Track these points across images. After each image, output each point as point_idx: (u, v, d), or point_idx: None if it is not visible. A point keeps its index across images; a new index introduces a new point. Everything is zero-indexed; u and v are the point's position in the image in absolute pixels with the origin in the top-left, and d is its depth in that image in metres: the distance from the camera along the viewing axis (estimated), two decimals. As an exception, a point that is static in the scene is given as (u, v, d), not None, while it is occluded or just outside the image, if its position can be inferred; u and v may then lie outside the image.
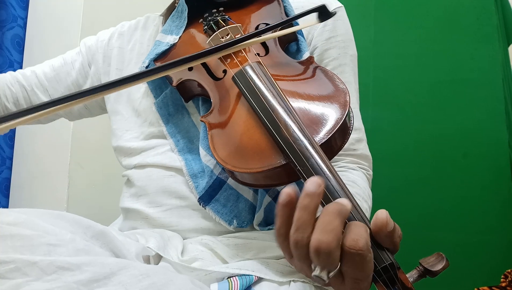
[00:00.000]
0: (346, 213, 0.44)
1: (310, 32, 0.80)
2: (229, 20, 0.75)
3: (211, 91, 0.69)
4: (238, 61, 0.67)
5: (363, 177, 0.77)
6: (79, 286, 0.43)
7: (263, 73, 0.63)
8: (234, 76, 0.64)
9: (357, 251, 0.42)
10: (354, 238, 0.42)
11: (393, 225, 0.45)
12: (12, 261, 0.43)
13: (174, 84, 0.73)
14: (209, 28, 0.74)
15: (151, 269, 0.50)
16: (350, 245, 0.42)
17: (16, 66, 1.57)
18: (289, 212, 0.45)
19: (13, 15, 1.56)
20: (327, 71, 0.64)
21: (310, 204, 0.44)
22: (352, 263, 0.43)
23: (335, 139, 0.56)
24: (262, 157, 0.56)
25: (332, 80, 0.62)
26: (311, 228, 0.44)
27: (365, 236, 0.43)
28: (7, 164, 1.56)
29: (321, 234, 0.42)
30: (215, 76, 0.70)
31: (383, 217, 0.44)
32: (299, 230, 0.44)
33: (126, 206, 0.76)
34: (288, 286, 0.61)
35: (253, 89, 0.60)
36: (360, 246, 0.42)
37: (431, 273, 0.46)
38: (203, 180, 0.70)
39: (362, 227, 0.44)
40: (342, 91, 0.59)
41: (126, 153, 0.80)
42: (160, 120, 0.77)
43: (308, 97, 0.60)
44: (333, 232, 0.42)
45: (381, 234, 0.45)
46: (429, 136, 1.37)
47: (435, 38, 1.39)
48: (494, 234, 1.28)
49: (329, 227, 0.42)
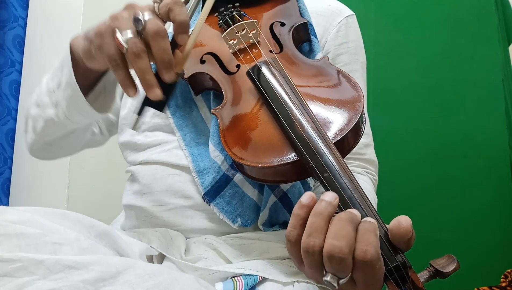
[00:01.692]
0: (357, 221, 0.44)
1: (324, 36, 0.81)
2: (245, 15, 0.75)
3: (223, 85, 0.69)
4: (253, 56, 0.67)
5: (369, 181, 0.78)
6: (86, 285, 0.43)
7: (278, 69, 0.63)
8: (248, 70, 0.64)
9: (367, 262, 0.42)
10: (363, 249, 0.42)
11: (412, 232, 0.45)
12: (18, 260, 0.43)
13: (186, 76, 0.73)
14: (225, 23, 0.74)
15: (157, 268, 0.49)
16: (360, 256, 0.42)
17: (17, 66, 1.57)
18: (304, 215, 0.46)
19: (14, 15, 1.56)
20: (343, 71, 0.64)
21: (325, 211, 0.45)
22: (363, 271, 0.43)
23: (347, 139, 0.56)
24: (274, 152, 0.56)
25: (347, 80, 0.62)
26: (324, 235, 0.44)
27: (375, 243, 0.43)
28: (9, 164, 1.56)
29: (335, 240, 0.43)
30: (228, 70, 0.70)
31: (407, 227, 0.44)
32: (312, 235, 0.44)
33: (130, 203, 0.76)
34: (292, 287, 0.62)
35: (268, 84, 0.60)
36: (370, 257, 0.42)
37: (442, 275, 0.46)
38: (210, 176, 0.69)
39: (372, 233, 0.43)
40: (357, 92, 0.60)
41: (132, 148, 0.79)
42: (168, 110, 0.76)
43: (322, 95, 0.61)
44: (346, 238, 0.43)
45: (400, 241, 0.45)
46: (429, 136, 1.37)
47: (435, 38, 1.39)
48: (494, 234, 1.29)
49: (343, 233, 0.43)
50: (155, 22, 0.51)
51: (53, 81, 0.69)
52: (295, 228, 0.46)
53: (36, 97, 0.74)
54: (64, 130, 0.75)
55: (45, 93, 0.71)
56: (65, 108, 0.68)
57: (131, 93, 0.54)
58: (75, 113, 0.69)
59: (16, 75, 1.58)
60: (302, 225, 0.46)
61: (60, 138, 0.77)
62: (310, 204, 0.46)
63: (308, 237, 0.44)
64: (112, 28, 0.52)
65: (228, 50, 0.71)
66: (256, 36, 0.71)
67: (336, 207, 0.46)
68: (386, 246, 0.45)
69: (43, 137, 0.76)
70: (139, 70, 0.51)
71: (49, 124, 0.72)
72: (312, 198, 0.46)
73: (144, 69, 0.51)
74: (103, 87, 0.69)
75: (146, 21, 0.51)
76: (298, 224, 0.46)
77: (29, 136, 0.79)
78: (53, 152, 0.84)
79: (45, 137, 0.76)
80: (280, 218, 0.71)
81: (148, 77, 0.51)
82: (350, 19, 0.84)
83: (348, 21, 0.83)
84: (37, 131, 0.75)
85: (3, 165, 1.54)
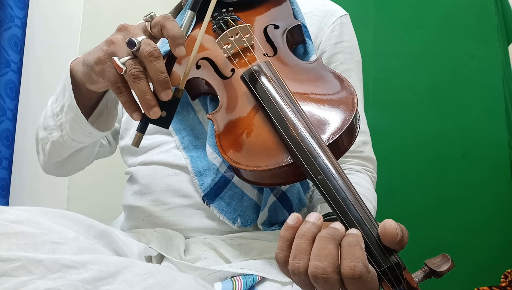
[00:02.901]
0: (339, 236, 0.45)
1: (318, 36, 0.82)
2: (238, 20, 0.75)
3: (219, 89, 0.69)
4: (246, 60, 0.67)
5: (368, 179, 0.78)
6: (84, 285, 0.43)
7: (272, 72, 0.63)
8: (242, 75, 0.65)
9: (356, 277, 0.42)
10: (350, 265, 0.42)
11: (401, 233, 0.45)
12: (17, 259, 0.43)
13: None
14: (218, 28, 0.75)
15: (155, 268, 0.49)
16: (348, 274, 0.42)
17: (13, 66, 1.57)
18: (290, 236, 0.46)
19: (11, 15, 1.56)
20: (336, 73, 0.64)
21: (308, 232, 0.45)
22: (355, 286, 0.43)
23: (342, 140, 0.56)
24: (269, 155, 0.56)
25: (340, 81, 0.62)
26: (308, 256, 0.44)
27: (361, 257, 0.42)
28: (4, 164, 1.56)
29: (316, 260, 0.43)
30: (223, 74, 0.70)
31: (392, 232, 0.44)
32: (297, 257, 0.45)
33: (129, 204, 0.76)
34: (291, 286, 0.62)
35: (261, 88, 0.61)
36: (359, 273, 0.42)
37: (437, 274, 0.46)
38: (208, 178, 0.70)
39: (357, 246, 0.43)
40: (350, 93, 0.60)
41: (132, 152, 0.80)
42: None
43: (316, 97, 0.61)
44: (327, 257, 0.43)
45: (391, 244, 0.45)
46: (429, 136, 1.37)
47: (435, 38, 1.39)
48: (494, 234, 1.28)
49: (324, 253, 0.43)
50: (148, 42, 0.53)
51: (57, 104, 0.71)
52: (282, 250, 0.47)
53: (42, 120, 0.76)
54: (72, 150, 0.77)
55: (50, 116, 0.73)
56: (69, 130, 0.70)
57: (135, 116, 0.55)
58: (79, 134, 0.70)
59: (12, 75, 1.58)
60: (288, 246, 0.46)
61: (70, 157, 0.79)
62: (295, 225, 0.47)
63: (294, 259, 0.45)
64: (110, 53, 0.54)
65: (222, 55, 0.72)
66: (249, 40, 0.71)
67: (320, 227, 0.46)
68: (379, 247, 0.45)
69: (52, 158, 0.78)
70: (138, 91, 0.53)
71: (56, 146, 0.74)
72: (298, 219, 0.47)
73: (143, 90, 0.53)
74: (105, 104, 0.71)
75: (140, 42, 0.52)
76: (285, 246, 0.47)
77: (40, 157, 0.81)
78: (66, 170, 0.86)
79: (55, 158, 0.79)
80: (280, 218, 0.71)
81: (148, 97, 0.53)
82: (344, 19, 0.84)
83: (342, 20, 0.84)
84: (46, 153, 0.77)
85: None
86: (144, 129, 0.56)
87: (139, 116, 0.55)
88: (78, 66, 0.63)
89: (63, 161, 0.81)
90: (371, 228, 0.46)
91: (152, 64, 0.52)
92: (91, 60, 0.56)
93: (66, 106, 0.68)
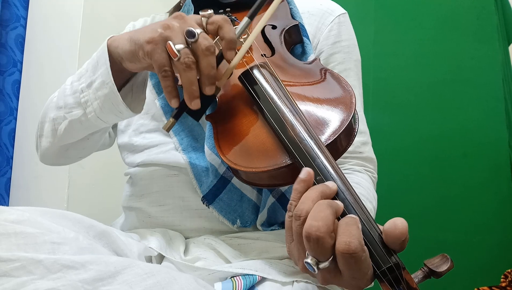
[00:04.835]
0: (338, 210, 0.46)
1: (316, 36, 0.81)
2: (236, 20, 0.75)
3: None
4: (244, 61, 0.67)
5: (368, 179, 0.78)
6: (84, 285, 0.43)
7: (270, 73, 0.63)
8: (240, 76, 0.64)
9: (351, 254, 0.42)
10: (346, 241, 0.42)
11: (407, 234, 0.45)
12: (17, 259, 0.43)
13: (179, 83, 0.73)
14: None
15: (155, 268, 0.49)
16: (343, 249, 0.42)
17: (19, 66, 1.57)
18: (302, 189, 0.48)
19: (16, 14, 1.56)
20: (333, 73, 0.64)
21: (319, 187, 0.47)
22: (347, 264, 0.43)
23: (340, 141, 0.56)
24: (267, 156, 0.56)
25: (338, 81, 0.62)
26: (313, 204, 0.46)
27: (357, 235, 0.43)
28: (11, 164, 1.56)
29: (312, 220, 0.44)
30: None
31: (403, 230, 0.44)
32: (302, 203, 0.46)
33: (129, 205, 0.76)
34: (291, 286, 0.61)
35: (259, 89, 0.60)
36: (353, 249, 0.42)
37: (436, 274, 0.46)
38: (207, 179, 0.70)
39: (354, 225, 0.44)
40: (348, 93, 0.59)
41: (130, 149, 0.79)
42: (164, 116, 0.76)
43: (314, 98, 0.61)
44: (323, 219, 0.43)
45: (395, 242, 0.45)
46: (429, 136, 1.37)
47: (435, 38, 1.39)
48: (494, 234, 1.28)
49: (320, 215, 0.44)
50: (206, 37, 0.54)
51: (81, 82, 0.68)
52: (294, 201, 0.48)
53: (56, 100, 0.73)
54: (91, 131, 0.74)
55: (69, 94, 0.70)
56: (97, 107, 0.67)
57: (173, 103, 0.57)
58: (107, 113, 0.68)
59: (18, 75, 1.58)
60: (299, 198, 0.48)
61: (80, 141, 0.76)
62: (307, 179, 0.49)
63: (300, 205, 0.46)
64: (165, 36, 0.54)
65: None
66: None
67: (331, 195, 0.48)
68: (379, 247, 0.45)
69: (63, 140, 0.75)
70: (187, 80, 0.54)
71: (74, 126, 0.71)
72: (310, 174, 0.49)
73: (191, 80, 0.54)
74: (130, 88, 0.69)
75: (199, 35, 0.54)
76: (297, 197, 0.48)
77: (46, 140, 0.76)
78: (67, 157, 0.83)
79: (65, 140, 0.75)
80: (279, 219, 0.71)
81: (194, 88, 0.55)
82: (342, 18, 0.84)
83: (340, 19, 0.83)
84: (58, 133, 0.73)
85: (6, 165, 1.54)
86: (179, 116, 0.58)
87: (177, 103, 0.57)
88: (119, 42, 0.62)
89: (68, 146, 0.77)
90: (370, 229, 0.46)
91: (207, 58, 0.54)
92: (142, 39, 0.56)
93: (98, 82, 0.65)
